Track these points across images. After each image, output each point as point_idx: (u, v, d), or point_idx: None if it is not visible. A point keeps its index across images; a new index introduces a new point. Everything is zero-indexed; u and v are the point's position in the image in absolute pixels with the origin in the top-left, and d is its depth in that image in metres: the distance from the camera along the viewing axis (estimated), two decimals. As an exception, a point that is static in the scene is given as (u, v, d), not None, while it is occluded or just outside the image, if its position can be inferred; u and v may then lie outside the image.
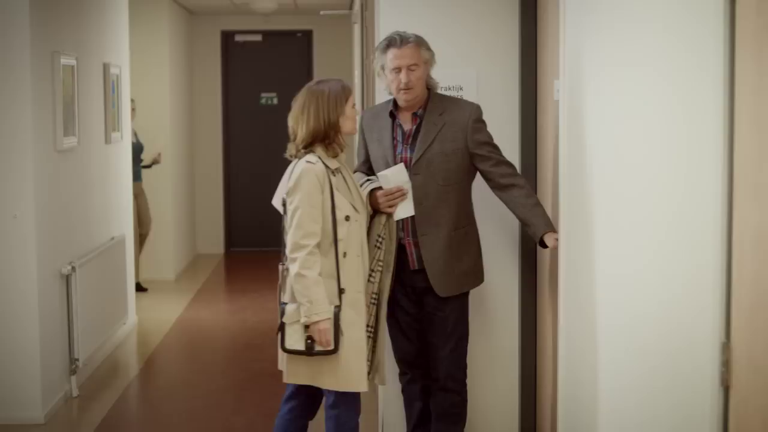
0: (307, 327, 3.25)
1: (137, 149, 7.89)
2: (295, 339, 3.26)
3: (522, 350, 4.20)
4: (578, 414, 3.07)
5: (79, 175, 5.61)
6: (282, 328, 3.31)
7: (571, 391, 3.17)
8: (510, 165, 3.60)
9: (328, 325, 3.23)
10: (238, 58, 10.45)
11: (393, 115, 3.60)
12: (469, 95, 3.99)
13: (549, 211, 3.65)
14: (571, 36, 2.99)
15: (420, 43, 3.53)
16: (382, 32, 3.89)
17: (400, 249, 3.59)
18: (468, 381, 3.84)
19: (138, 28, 8.31)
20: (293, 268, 3.23)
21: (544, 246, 3.50)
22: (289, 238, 3.25)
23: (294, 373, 3.37)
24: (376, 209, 3.57)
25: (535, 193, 3.86)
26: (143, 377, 5.89)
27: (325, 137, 3.29)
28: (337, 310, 3.25)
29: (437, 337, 3.66)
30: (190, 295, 8.30)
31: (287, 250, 3.27)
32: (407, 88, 3.47)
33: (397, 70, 3.48)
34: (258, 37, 10.43)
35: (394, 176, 3.57)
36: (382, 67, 3.58)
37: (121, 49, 6.83)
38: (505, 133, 3.98)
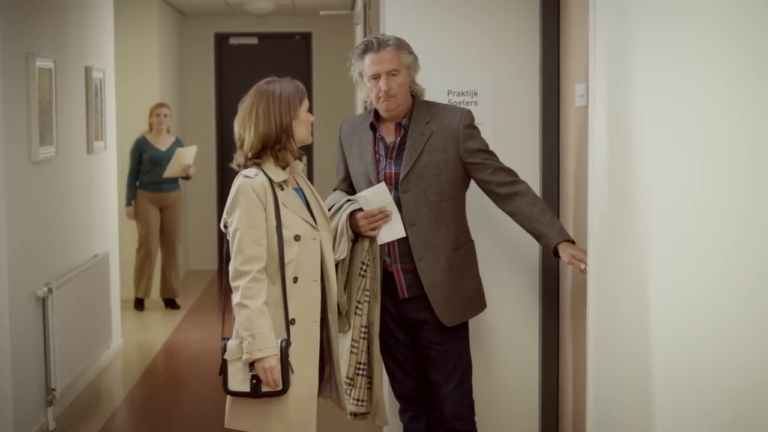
0: (252, 365, 3.06)
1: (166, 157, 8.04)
2: (239, 379, 3.07)
3: (542, 382, 4.05)
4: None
5: (58, 188, 5.49)
6: (224, 367, 3.11)
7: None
8: (509, 171, 3.45)
9: (275, 362, 3.03)
10: (233, 62, 10.38)
11: (374, 127, 3.47)
12: (484, 101, 3.93)
13: (571, 229, 3.51)
14: (604, 35, 2.83)
15: (400, 46, 3.41)
16: (388, 33, 3.76)
17: (387, 277, 3.44)
18: (480, 416, 3.70)
19: (125, 30, 8.25)
20: (234, 298, 3.05)
21: (558, 256, 3.37)
22: (231, 265, 3.06)
23: (237, 416, 3.15)
24: (357, 233, 3.41)
25: (556, 206, 3.74)
26: (127, 407, 5.74)
27: (276, 143, 3.11)
28: (285, 344, 3.05)
29: (438, 373, 3.50)
30: (180, 315, 8.19)
31: (230, 278, 3.08)
32: (388, 96, 3.35)
33: (376, 77, 3.37)
34: (253, 40, 10.41)
35: (375, 197, 3.40)
36: (360, 75, 3.47)
37: (106, 52, 6.72)
38: (524, 143, 3.90)
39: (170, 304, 8.42)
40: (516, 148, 3.81)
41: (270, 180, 3.10)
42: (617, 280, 2.74)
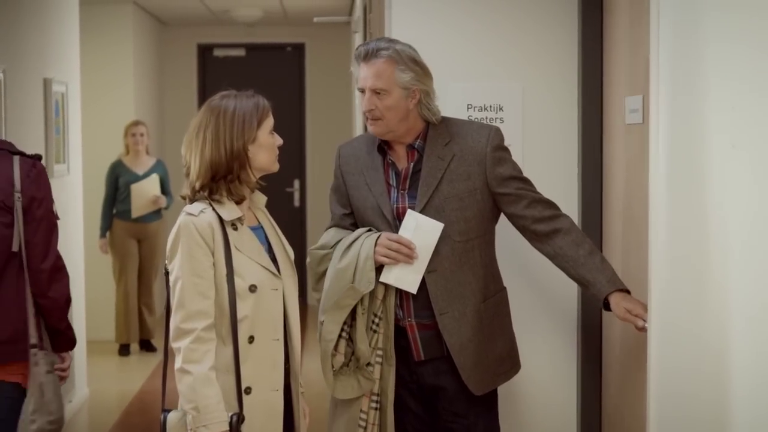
0: None
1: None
2: None
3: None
4: None
5: (11, 219, 5.26)
6: None
7: None
8: (548, 204, 3.27)
9: None
10: (218, 76, 10.37)
11: (382, 151, 3.27)
12: (511, 118, 3.74)
13: (618, 272, 3.29)
14: (669, 40, 2.64)
15: (397, 59, 3.17)
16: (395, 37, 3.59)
17: (398, 334, 3.25)
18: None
19: (94, 39, 8.27)
20: (176, 363, 2.86)
21: (608, 309, 3.16)
22: (171, 322, 2.89)
23: None
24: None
25: (599, 247, 3.59)
26: (91, 473, 5.61)
27: (227, 172, 2.91)
28: (237, 418, 2.86)
29: None
30: (156, 359, 8.07)
31: (170, 338, 2.91)
32: (373, 117, 3.18)
33: (362, 90, 3.21)
34: (240, 52, 10.47)
35: (422, 230, 3.19)
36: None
37: (70, 63, 6.59)
38: (559, 169, 3.75)
39: (146, 345, 8.35)
40: (549, 176, 3.63)
41: (220, 218, 2.91)
42: (687, 343, 2.53)
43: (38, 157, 3.52)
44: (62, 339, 3.56)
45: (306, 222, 10.29)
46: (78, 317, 6.46)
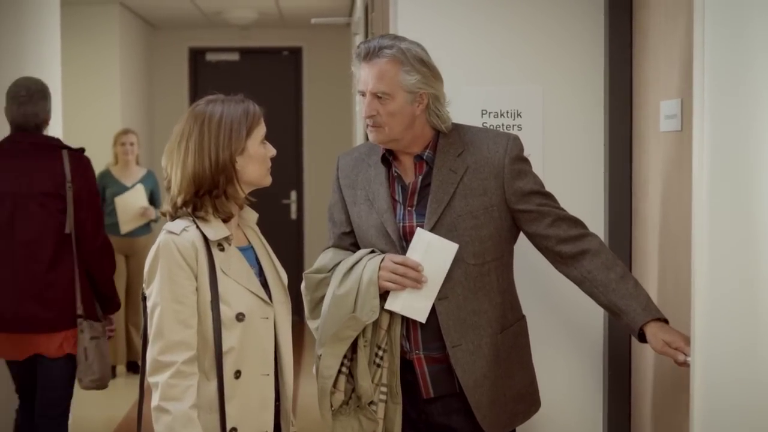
0: None
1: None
2: None
3: None
4: None
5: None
6: None
7: None
8: (574, 221, 3.16)
9: None
10: (210, 82, 10.21)
11: (387, 162, 3.18)
12: (531, 124, 3.69)
13: (653, 298, 3.21)
14: (716, 36, 2.55)
15: (402, 59, 3.05)
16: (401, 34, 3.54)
17: (404, 368, 3.16)
18: None
19: (77, 42, 8.28)
20: (153, 400, 2.81)
21: (644, 340, 3.04)
22: (148, 353, 2.84)
23: None
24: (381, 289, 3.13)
25: (629, 270, 3.47)
26: None
27: (212, 187, 2.85)
28: None
29: None
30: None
31: (147, 371, 2.88)
32: (374, 124, 3.08)
33: (362, 94, 3.11)
34: (234, 56, 10.53)
35: (433, 250, 3.08)
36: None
37: (49, 67, 6.46)
38: (584, 182, 3.71)
39: (133, 368, 8.29)
40: (572, 190, 3.58)
41: (205, 237, 2.84)
42: (737, 383, 2.48)
43: (82, 150, 4.50)
44: (110, 303, 4.60)
45: (304, 236, 10.35)
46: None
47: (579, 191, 3.63)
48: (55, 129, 6.32)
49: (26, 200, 4.34)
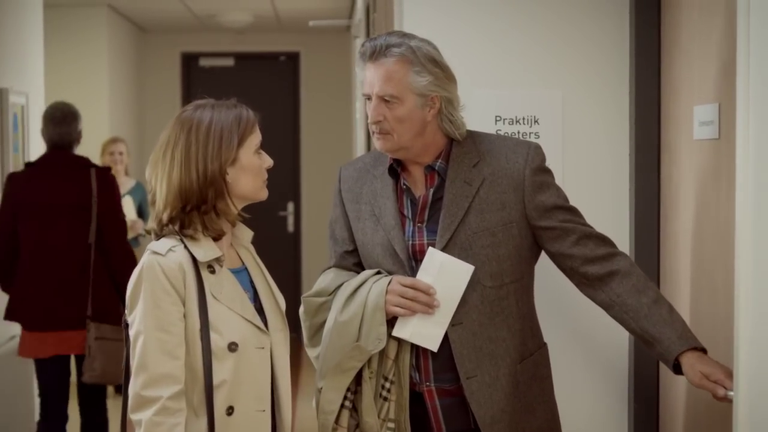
0: None
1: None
2: None
3: None
4: None
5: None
6: None
7: None
8: (601, 239, 3.06)
9: None
10: (204, 88, 9.98)
11: (395, 173, 3.09)
12: (549, 132, 3.62)
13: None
14: (762, 38, 2.47)
15: (412, 58, 2.96)
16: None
17: (413, 401, 3.06)
18: None
19: (62, 46, 8.33)
20: None
21: (680, 372, 2.93)
22: (130, 387, 2.76)
23: None
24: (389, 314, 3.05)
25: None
26: None
27: (200, 202, 2.77)
28: None
29: None
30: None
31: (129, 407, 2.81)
32: (381, 132, 2.98)
33: (368, 97, 3.03)
34: (229, 61, 10.55)
35: (447, 272, 2.98)
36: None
37: (31, 71, 6.56)
38: (607, 195, 3.66)
39: (120, 389, 8.04)
40: (594, 203, 3.48)
41: (193, 258, 2.75)
42: None
43: (108, 169, 5.31)
44: None
45: (301, 251, 10.41)
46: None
47: (601, 206, 3.57)
48: (36, 136, 6.42)
49: (58, 211, 5.03)
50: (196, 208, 2.76)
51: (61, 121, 5.25)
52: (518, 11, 3.63)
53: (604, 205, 3.58)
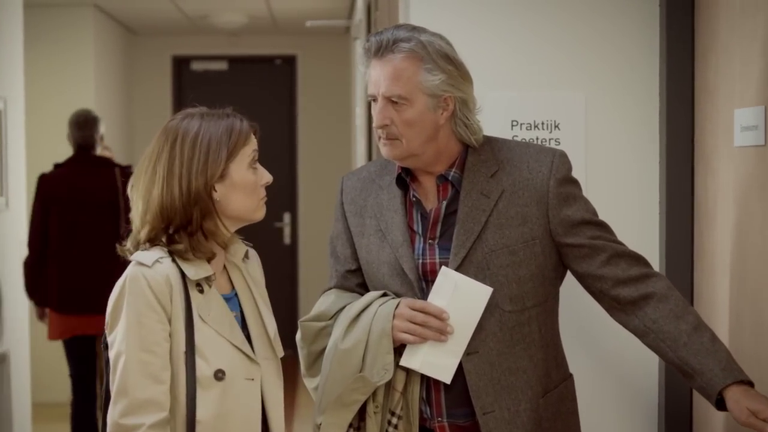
0: None
1: None
2: None
3: None
4: None
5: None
6: None
7: None
8: (635, 258, 2.93)
9: None
10: (196, 93, 10.05)
11: (403, 184, 2.98)
12: (571, 138, 3.53)
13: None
14: None
15: (423, 55, 2.85)
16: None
17: None
18: None
19: (46, 48, 8.37)
20: None
21: (723, 408, 2.79)
22: (108, 414, 2.65)
23: None
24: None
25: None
26: None
27: (185, 222, 2.66)
28: None
29: None
30: None
31: None
32: (388, 137, 2.88)
33: (374, 98, 2.92)
34: (222, 65, 10.60)
35: (462, 294, 2.87)
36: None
37: (10, 74, 6.50)
38: (635, 206, 3.57)
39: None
40: (620, 217, 3.28)
41: (182, 273, 2.65)
42: None
43: (129, 167, 6.09)
44: None
45: (298, 264, 10.41)
46: (19, 381, 6.48)
47: (627, 221, 3.42)
48: (15, 143, 6.50)
49: (86, 206, 5.86)
50: (183, 228, 2.66)
51: (84, 125, 6.15)
52: (535, 6, 3.55)
53: (631, 221, 3.46)
